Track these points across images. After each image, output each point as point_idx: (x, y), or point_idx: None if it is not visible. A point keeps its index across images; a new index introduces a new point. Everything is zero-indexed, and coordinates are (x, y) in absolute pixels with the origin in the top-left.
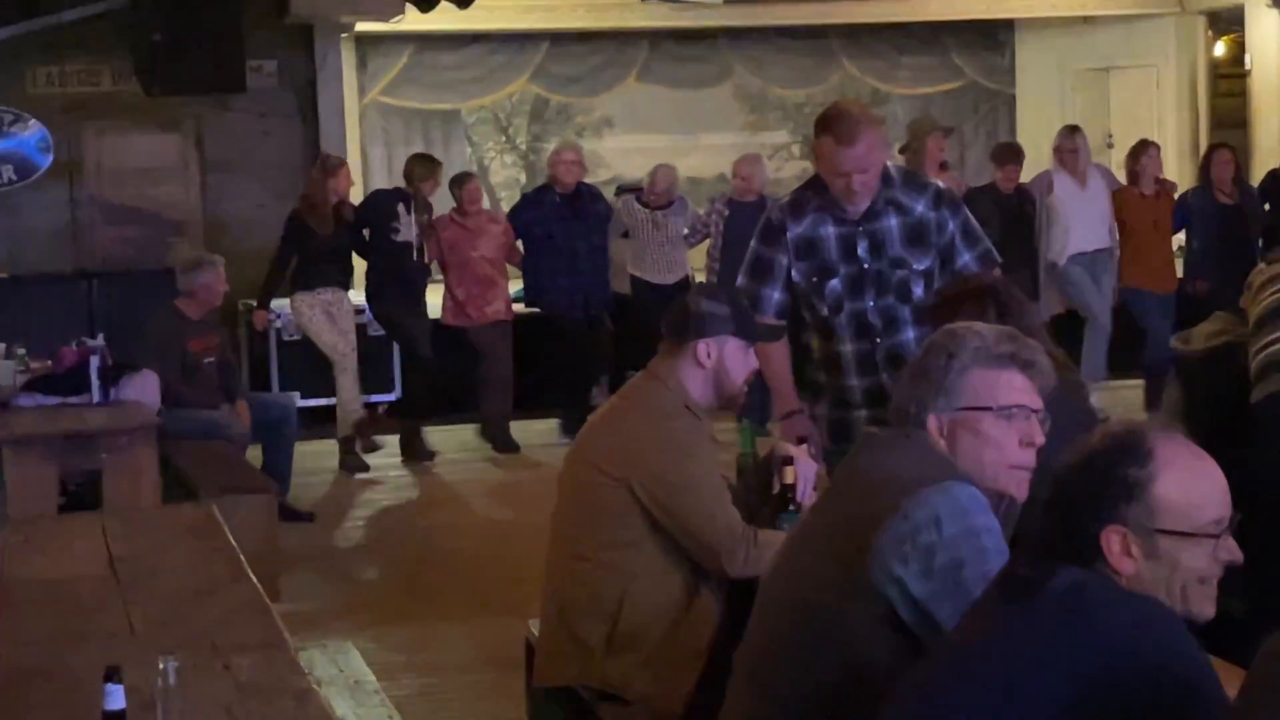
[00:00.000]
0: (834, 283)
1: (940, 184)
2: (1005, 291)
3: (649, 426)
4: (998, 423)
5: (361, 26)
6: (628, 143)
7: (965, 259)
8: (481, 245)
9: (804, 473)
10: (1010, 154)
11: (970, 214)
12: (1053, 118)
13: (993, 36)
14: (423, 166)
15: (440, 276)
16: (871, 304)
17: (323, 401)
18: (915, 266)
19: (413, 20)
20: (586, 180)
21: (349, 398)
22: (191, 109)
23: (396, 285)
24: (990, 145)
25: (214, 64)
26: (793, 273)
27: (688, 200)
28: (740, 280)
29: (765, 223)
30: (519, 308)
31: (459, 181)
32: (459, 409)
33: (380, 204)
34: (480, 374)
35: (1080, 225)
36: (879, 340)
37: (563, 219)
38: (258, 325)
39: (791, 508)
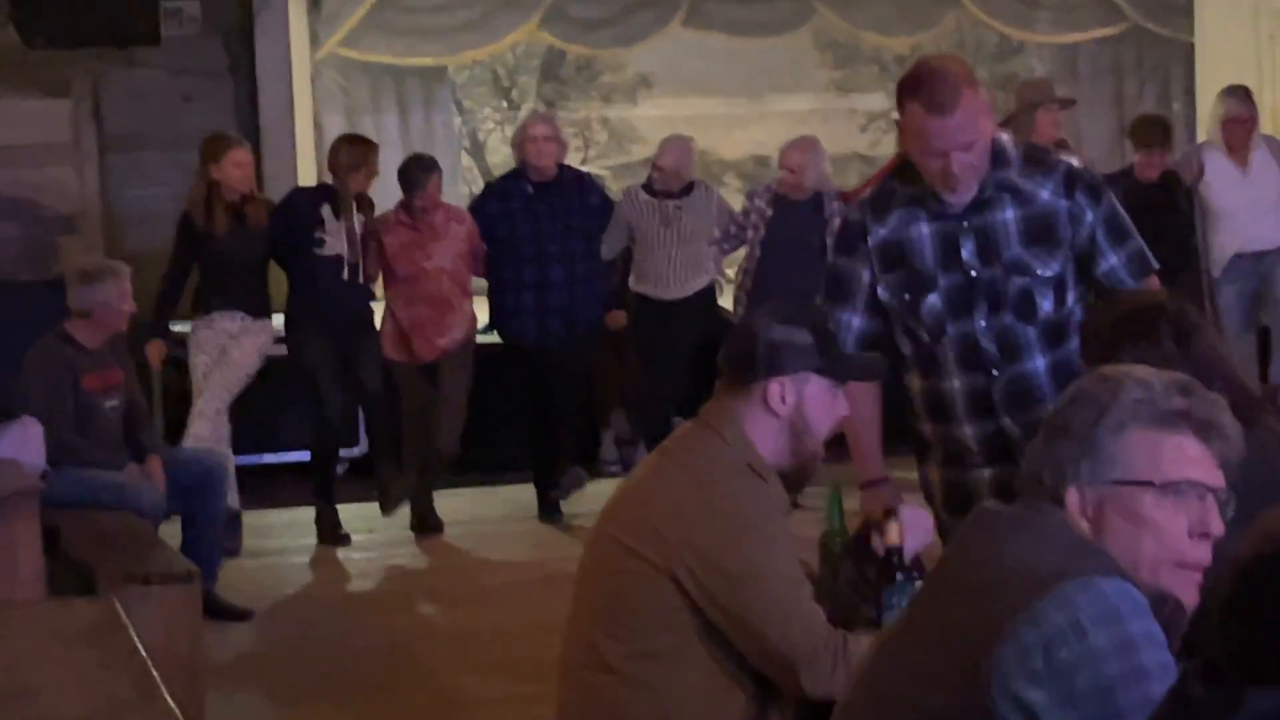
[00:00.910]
0: (932, 298)
1: (1074, 162)
2: (1181, 312)
3: (699, 494)
4: (1161, 503)
5: None
6: (671, 109)
7: (1110, 262)
8: (438, 253)
9: (913, 525)
10: (1153, 131)
11: (1115, 200)
12: (1244, 74)
13: None
14: (350, 152)
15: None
16: (983, 324)
17: (263, 458)
18: (1040, 272)
19: None
20: (615, 163)
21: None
22: (86, 66)
23: (320, 315)
24: (1163, 111)
25: (116, 5)
26: (879, 289)
27: (714, 188)
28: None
29: (842, 226)
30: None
31: (415, 177)
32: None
33: (298, 206)
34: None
35: (1242, 219)
36: (995, 372)
37: (533, 216)
38: (152, 360)
39: (900, 576)
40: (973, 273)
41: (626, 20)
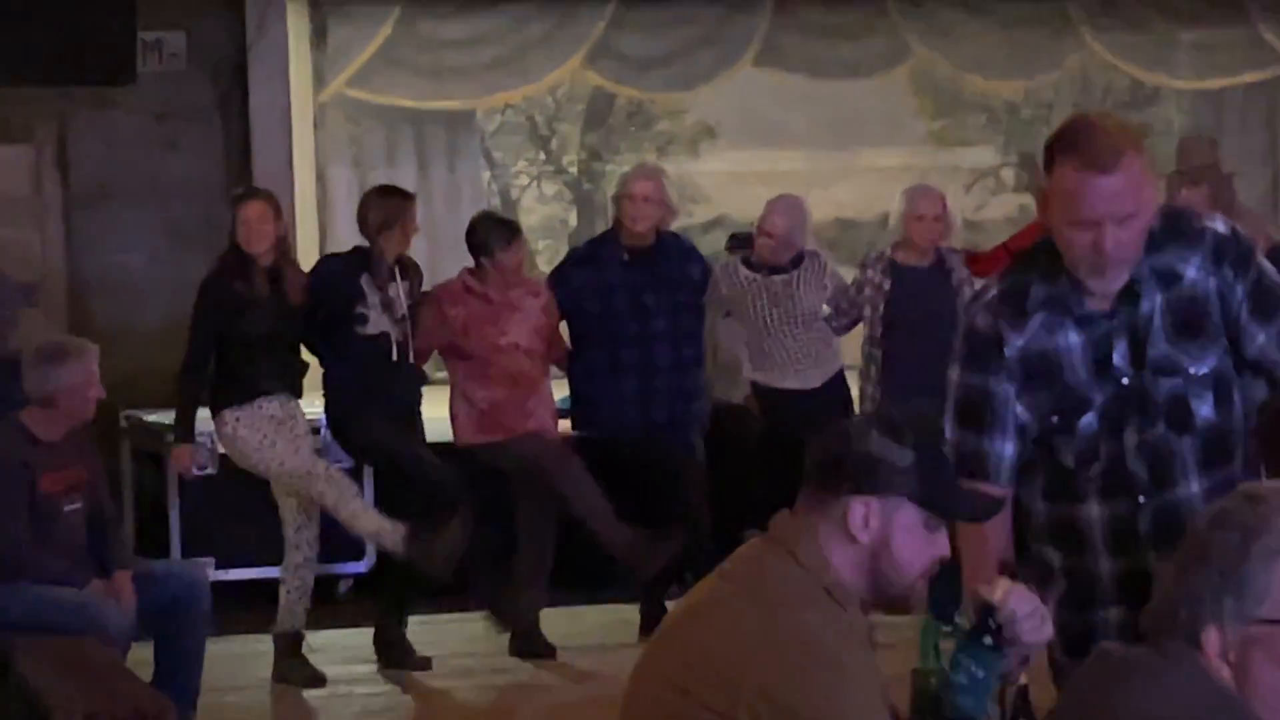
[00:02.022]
0: (1088, 419)
1: (1220, 225)
2: None
3: (767, 625)
4: None
5: None
6: (739, 163)
7: (1258, 342)
8: (513, 328)
9: (1020, 599)
10: None
11: (1268, 266)
12: None
13: None
14: (381, 208)
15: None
16: (1134, 440)
17: (251, 573)
18: (1191, 370)
19: None
20: (674, 227)
21: (363, 518)
22: (50, 106)
23: (368, 406)
24: None
25: (86, 37)
26: (1017, 407)
27: (824, 256)
28: (947, 431)
29: (969, 334)
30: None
31: (493, 239)
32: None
33: (332, 278)
34: (523, 522)
35: None
36: (1143, 498)
37: (632, 288)
38: (183, 468)
39: (988, 640)
40: (1124, 380)
41: (687, 58)
